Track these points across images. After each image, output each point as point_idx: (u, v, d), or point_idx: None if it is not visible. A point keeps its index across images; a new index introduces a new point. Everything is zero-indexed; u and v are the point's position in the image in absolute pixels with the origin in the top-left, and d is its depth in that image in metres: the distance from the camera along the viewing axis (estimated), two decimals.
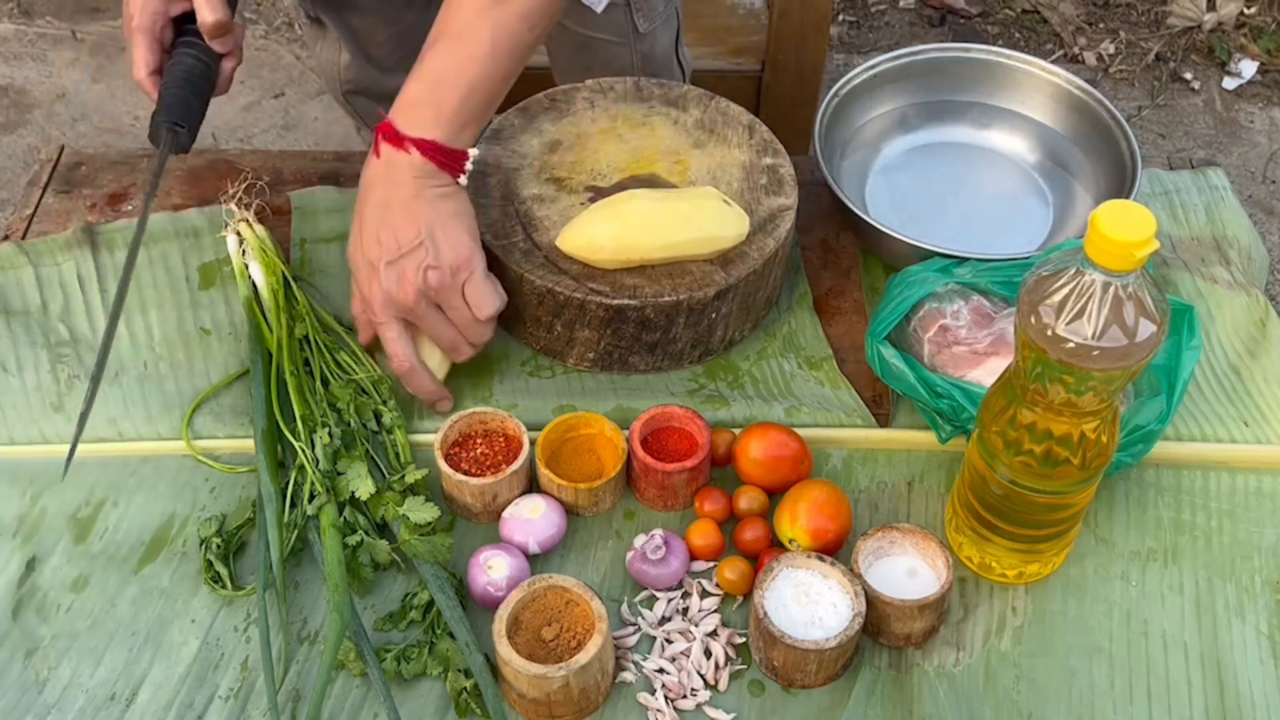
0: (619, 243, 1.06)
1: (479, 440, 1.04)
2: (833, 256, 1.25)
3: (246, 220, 1.19)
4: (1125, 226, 0.76)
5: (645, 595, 0.99)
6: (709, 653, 0.95)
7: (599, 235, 1.07)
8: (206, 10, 1.06)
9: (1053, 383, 0.82)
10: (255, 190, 1.25)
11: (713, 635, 0.96)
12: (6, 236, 1.25)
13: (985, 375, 1.03)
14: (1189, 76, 2.60)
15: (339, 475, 1.01)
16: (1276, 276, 2.21)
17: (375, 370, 1.11)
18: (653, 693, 0.93)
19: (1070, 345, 0.79)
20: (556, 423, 1.03)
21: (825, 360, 1.15)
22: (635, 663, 0.94)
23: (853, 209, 1.17)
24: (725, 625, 0.97)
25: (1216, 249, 1.25)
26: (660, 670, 0.94)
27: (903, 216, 1.23)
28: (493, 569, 0.95)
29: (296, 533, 0.99)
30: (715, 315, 1.10)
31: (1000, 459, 0.90)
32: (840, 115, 1.28)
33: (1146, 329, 0.79)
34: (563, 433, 1.04)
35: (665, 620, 0.97)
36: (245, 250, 1.17)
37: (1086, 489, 0.92)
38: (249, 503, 1.03)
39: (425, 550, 0.97)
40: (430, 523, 0.98)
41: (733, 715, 0.92)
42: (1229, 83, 2.59)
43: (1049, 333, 0.80)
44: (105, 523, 1.03)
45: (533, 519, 0.99)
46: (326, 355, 1.11)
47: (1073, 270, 0.79)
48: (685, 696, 0.92)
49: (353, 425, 1.05)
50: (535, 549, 0.99)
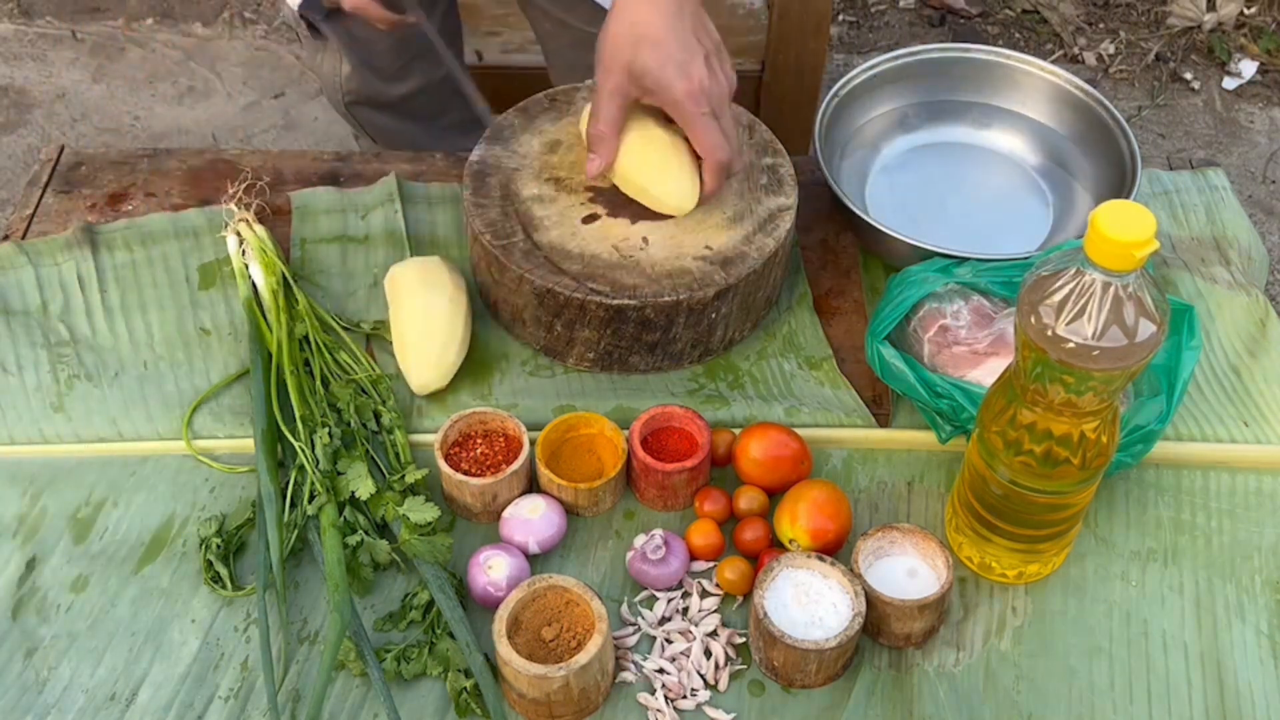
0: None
1: (479, 440, 1.04)
2: (833, 256, 1.25)
3: (246, 220, 1.19)
4: (1125, 226, 0.76)
5: (645, 595, 0.99)
6: (709, 653, 0.95)
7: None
8: None
9: (1053, 383, 0.82)
10: (255, 190, 1.25)
11: (713, 635, 0.96)
12: (6, 236, 1.25)
13: (985, 375, 1.03)
14: (1189, 76, 2.60)
15: (339, 475, 1.01)
16: (1276, 276, 2.21)
17: (375, 369, 1.11)
18: (653, 693, 0.93)
19: (1070, 345, 0.79)
20: (556, 423, 1.03)
21: (825, 360, 1.15)
22: (635, 663, 0.94)
23: (853, 209, 1.17)
24: (725, 625, 0.97)
25: (1216, 249, 1.25)
26: (660, 670, 0.94)
27: (903, 216, 1.23)
28: (493, 569, 0.95)
29: (296, 533, 0.99)
30: (715, 315, 1.10)
31: (1000, 459, 0.90)
32: (840, 115, 1.28)
33: (1146, 329, 0.79)
34: (563, 433, 1.04)
35: (665, 620, 0.97)
36: (245, 250, 1.17)
37: (1086, 489, 0.92)
38: (249, 503, 1.03)
39: (425, 550, 0.97)
40: (430, 523, 0.98)
41: (733, 715, 0.92)
42: (1229, 83, 2.59)
43: (1049, 333, 0.80)
44: (105, 523, 1.03)
45: (533, 519, 0.99)
46: (326, 355, 1.11)
47: (1073, 270, 0.79)
48: (685, 696, 0.92)
49: (353, 425, 1.05)
50: (535, 549, 0.99)
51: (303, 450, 1.02)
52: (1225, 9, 2.62)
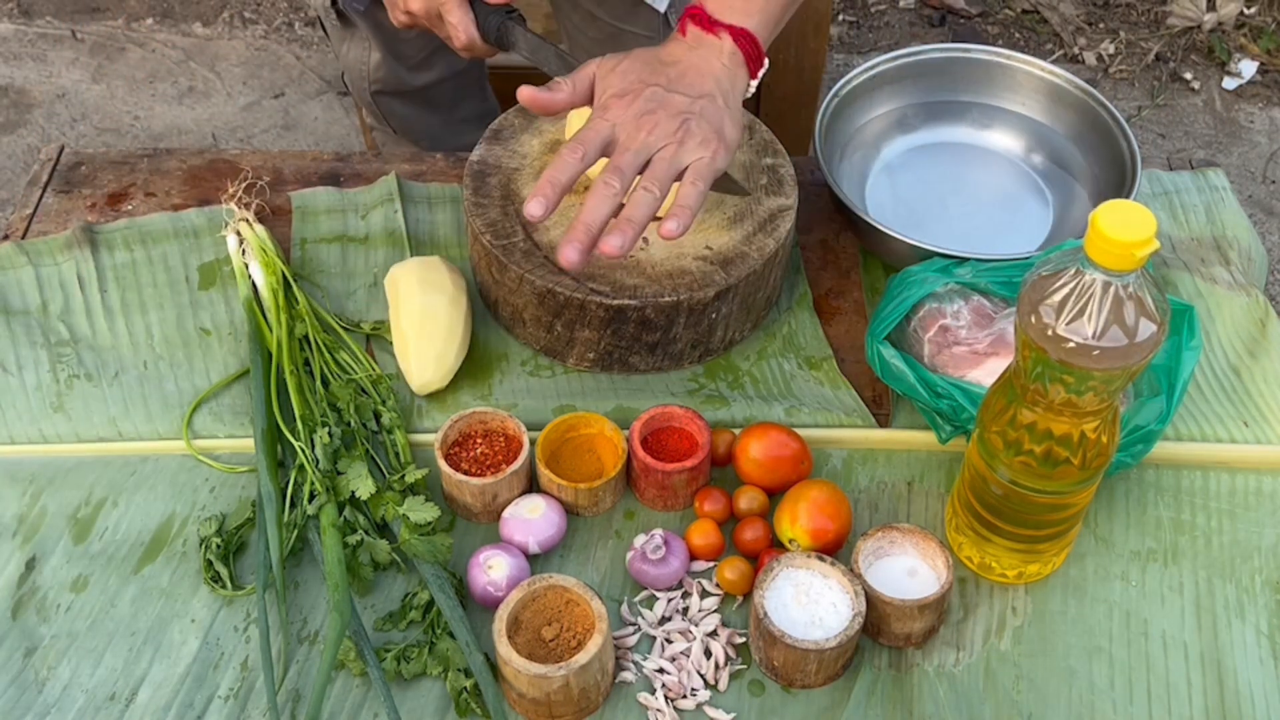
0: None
1: (479, 440, 1.04)
2: (833, 256, 1.25)
3: (246, 220, 1.19)
4: (1126, 226, 0.76)
5: (645, 595, 0.99)
6: (709, 653, 0.95)
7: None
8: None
9: (1053, 382, 0.82)
10: (255, 190, 1.25)
11: (713, 635, 0.96)
12: (6, 236, 1.25)
13: (985, 375, 1.03)
14: (1189, 76, 2.60)
15: (339, 475, 1.01)
16: (1276, 277, 2.21)
17: (375, 369, 1.11)
18: (653, 692, 0.93)
19: (1071, 345, 0.79)
20: (556, 423, 1.03)
21: (825, 360, 1.15)
22: (635, 662, 0.94)
23: (853, 209, 1.17)
24: (725, 625, 0.97)
25: (1216, 249, 1.25)
26: (660, 670, 0.94)
27: (903, 217, 1.23)
28: (493, 569, 0.95)
29: (296, 532, 0.99)
30: (715, 315, 1.10)
31: (1000, 459, 0.90)
32: (840, 116, 1.28)
33: (1147, 329, 0.79)
34: (563, 433, 1.04)
35: (665, 620, 0.97)
36: (245, 250, 1.17)
37: (1086, 489, 0.92)
38: (249, 502, 1.03)
39: (425, 550, 0.97)
40: (430, 522, 0.98)
41: (733, 715, 0.92)
42: (1229, 83, 2.59)
43: (1049, 332, 0.80)
44: (105, 522, 1.03)
45: (533, 519, 0.99)
46: (326, 355, 1.11)
47: (1073, 270, 0.79)
48: (685, 696, 0.92)
49: (353, 425, 1.05)
50: (535, 549, 0.99)
51: (303, 450, 1.02)
52: (1225, 9, 2.63)
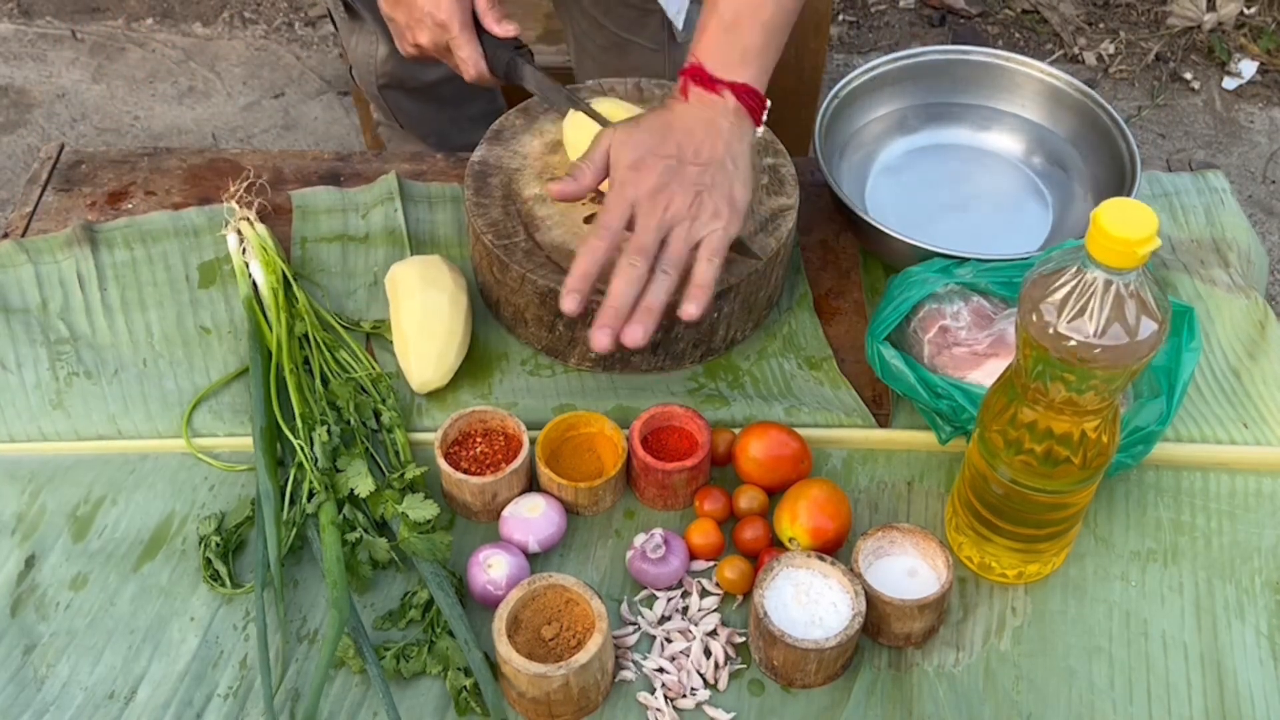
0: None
1: (479, 439, 1.04)
2: (833, 257, 1.25)
3: (247, 218, 1.19)
4: (1127, 224, 0.76)
5: (645, 594, 0.99)
6: (709, 652, 0.95)
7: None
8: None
9: (1054, 381, 0.82)
10: (255, 189, 1.25)
11: (712, 635, 0.96)
12: (6, 234, 1.25)
13: (985, 376, 1.03)
14: (1189, 76, 2.60)
15: (338, 473, 1.01)
16: (1276, 277, 2.21)
17: (375, 368, 1.11)
18: (652, 692, 0.92)
19: (1072, 343, 0.79)
20: (556, 422, 1.03)
21: (825, 360, 1.15)
22: (635, 662, 0.94)
23: (853, 209, 1.17)
24: (725, 625, 0.97)
25: (1216, 251, 1.25)
26: (660, 669, 0.94)
27: (903, 217, 1.23)
28: (492, 568, 0.95)
29: (295, 531, 0.99)
30: (717, 315, 1.10)
31: (1001, 458, 0.90)
32: (840, 116, 1.28)
33: (1148, 327, 0.79)
34: (563, 432, 1.04)
35: (665, 619, 0.97)
36: (245, 249, 1.17)
37: (1086, 489, 0.92)
38: (248, 501, 1.03)
39: (424, 548, 0.97)
40: (429, 520, 0.98)
41: (732, 715, 0.92)
42: (1229, 83, 2.59)
43: (1050, 331, 0.80)
44: (104, 520, 1.03)
45: (532, 518, 0.99)
46: (326, 353, 1.11)
47: (1074, 268, 0.79)
48: (685, 696, 0.92)
49: (352, 423, 1.05)
50: (535, 548, 0.99)
51: (302, 448, 1.02)
52: (1225, 9, 2.63)
